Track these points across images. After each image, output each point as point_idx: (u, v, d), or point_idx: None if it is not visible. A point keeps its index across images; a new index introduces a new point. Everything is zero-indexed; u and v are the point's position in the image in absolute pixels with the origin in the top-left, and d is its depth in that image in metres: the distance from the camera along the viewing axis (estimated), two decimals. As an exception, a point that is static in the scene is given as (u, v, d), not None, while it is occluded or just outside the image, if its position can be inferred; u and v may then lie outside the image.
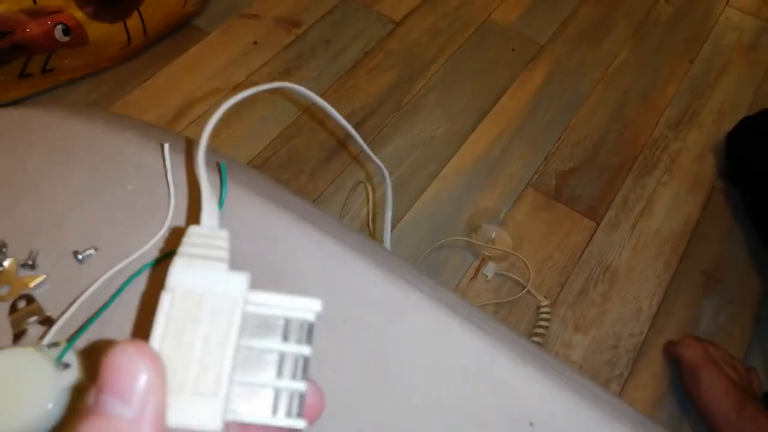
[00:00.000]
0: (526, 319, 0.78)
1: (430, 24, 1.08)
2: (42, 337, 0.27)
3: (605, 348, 0.77)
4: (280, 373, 0.17)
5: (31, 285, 0.29)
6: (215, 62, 0.98)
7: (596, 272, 0.83)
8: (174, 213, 0.32)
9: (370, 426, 0.27)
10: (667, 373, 0.76)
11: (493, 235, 0.84)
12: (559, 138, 0.96)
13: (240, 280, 0.17)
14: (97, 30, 0.88)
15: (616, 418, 0.29)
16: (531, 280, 0.80)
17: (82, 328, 0.27)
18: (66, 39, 0.86)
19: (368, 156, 0.36)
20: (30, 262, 0.30)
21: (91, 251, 0.30)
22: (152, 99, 0.93)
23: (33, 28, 0.82)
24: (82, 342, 0.27)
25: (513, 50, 1.06)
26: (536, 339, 0.75)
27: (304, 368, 0.17)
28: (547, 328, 0.76)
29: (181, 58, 0.99)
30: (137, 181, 0.33)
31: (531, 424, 0.28)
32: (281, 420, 0.17)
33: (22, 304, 0.29)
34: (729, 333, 0.80)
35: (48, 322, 0.28)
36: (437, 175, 0.89)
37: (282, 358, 0.17)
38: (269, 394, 0.17)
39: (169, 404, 0.15)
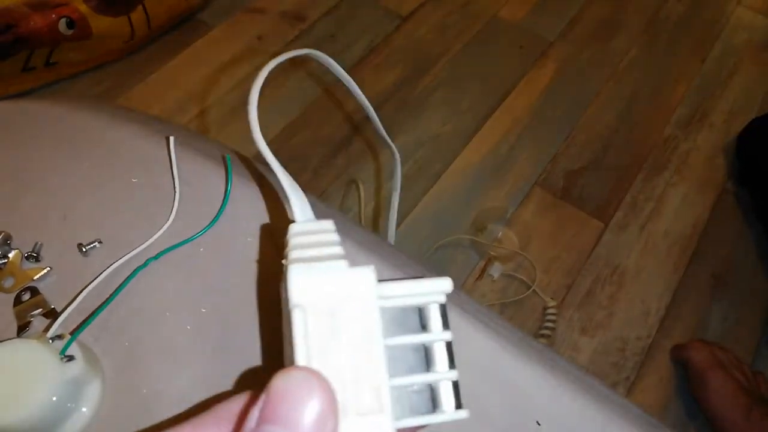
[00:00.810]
0: (532, 321, 0.77)
1: (437, 20, 1.07)
2: (46, 329, 0.27)
3: (612, 351, 0.76)
4: (429, 366, 0.16)
5: (36, 277, 0.29)
6: (219, 57, 0.97)
7: (604, 274, 0.82)
8: (179, 206, 0.31)
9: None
10: (674, 377, 0.75)
11: (499, 235, 0.83)
12: (568, 137, 0.95)
13: (367, 276, 0.15)
14: (101, 23, 0.88)
15: (624, 418, 0.29)
16: (537, 281, 0.79)
17: (86, 321, 0.27)
18: (70, 32, 0.85)
19: (381, 139, 0.35)
20: (34, 254, 0.30)
21: (96, 244, 0.30)
22: (156, 93, 0.93)
23: (37, 21, 0.82)
24: (85, 335, 0.27)
25: (521, 47, 1.05)
26: (542, 341, 0.75)
27: (451, 355, 0.16)
28: (553, 329, 0.76)
29: (185, 52, 0.98)
30: (142, 174, 0.33)
31: (538, 423, 0.27)
32: (446, 415, 0.16)
33: (26, 296, 0.29)
34: (737, 336, 0.79)
35: (52, 314, 0.28)
36: (443, 174, 0.88)
37: (427, 350, 0.16)
38: (427, 392, 0.16)
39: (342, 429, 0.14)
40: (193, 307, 0.28)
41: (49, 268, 0.29)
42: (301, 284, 0.15)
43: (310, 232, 0.17)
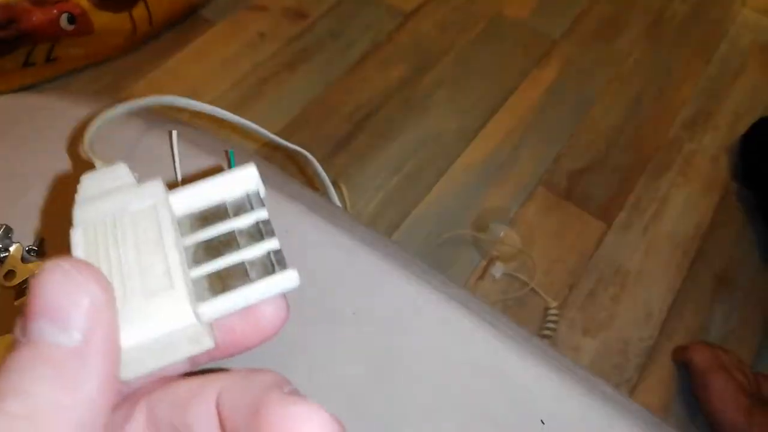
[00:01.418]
0: (534, 321, 0.77)
1: (440, 18, 1.07)
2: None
3: (614, 352, 0.76)
4: (240, 246, 0.14)
5: (37, 271, 0.29)
6: (221, 53, 0.97)
7: (606, 274, 0.82)
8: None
9: (378, 420, 0.27)
10: (676, 378, 0.75)
11: (501, 235, 0.83)
12: (571, 136, 0.95)
13: (153, 186, 0.15)
14: (102, 19, 0.87)
15: (628, 417, 0.28)
16: (539, 282, 0.79)
17: None
18: (71, 28, 0.85)
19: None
20: (35, 248, 0.30)
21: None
22: (157, 89, 0.92)
23: (38, 17, 0.81)
24: None
25: (524, 46, 1.05)
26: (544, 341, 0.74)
27: (268, 229, 0.15)
28: (554, 330, 0.75)
29: (187, 48, 0.98)
30: (144, 168, 0.32)
31: (542, 422, 0.27)
32: (265, 282, 0.14)
33: (27, 290, 0.28)
34: (739, 338, 0.79)
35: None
36: (445, 172, 0.88)
37: (239, 233, 0.15)
38: (240, 268, 0.14)
39: (120, 323, 0.12)
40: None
41: (50, 263, 0.29)
42: (82, 212, 0.14)
43: (101, 177, 0.16)
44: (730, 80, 1.05)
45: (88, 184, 0.16)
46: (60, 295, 0.12)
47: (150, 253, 0.13)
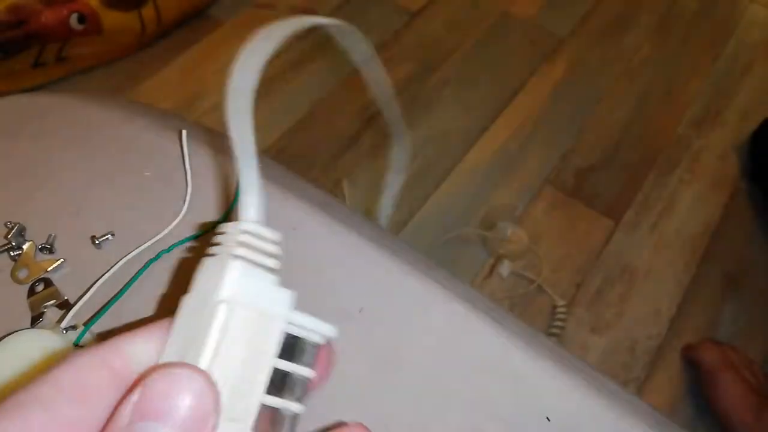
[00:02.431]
0: (542, 319, 0.77)
1: (447, 16, 1.06)
2: (60, 320, 0.27)
3: (622, 350, 0.76)
4: (283, 392, 0.16)
5: (49, 269, 0.29)
6: (229, 52, 0.96)
7: (614, 273, 0.82)
8: (191, 199, 0.31)
9: (385, 416, 0.27)
10: (684, 377, 0.75)
11: (508, 233, 0.83)
12: (579, 134, 0.94)
13: (285, 300, 0.16)
14: (111, 18, 0.88)
15: (634, 414, 0.29)
16: (547, 280, 0.79)
17: (99, 312, 0.27)
18: (81, 27, 0.85)
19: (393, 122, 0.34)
20: (48, 246, 0.30)
21: (108, 236, 0.30)
22: (166, 88, 0.93)
23: (48, 17, 0.82)
24: (98, 325, 0.27)
25: (532, 43, 1.04)
26: (552, 339, 0.74)
27: (303, 391, 0.16)
28: (562, 328, 0.75)
29: (195, 47, 0.98)
30: (155, 167, 0.33)
31: (548, 419, 0.27)
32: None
33: (40, 287, 0.29)
34: (748, 336, 0.79)
35: (65, 305, 0.28)
36: (452, 171, 0.88)
37: (287, 378, 0.16)
38: (282, 414, 0.16)
39: None
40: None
41: (62, 260, 0.30)
42: (237, 283, 0.15)
43: (258, 236, 0.16)
44: (739, 77, 1.05)
45: (246, 239, 0.16)
46: (175, 398, 0.13)
47: (249, 376, 0.15)
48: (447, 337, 0.29)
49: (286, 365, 0.16)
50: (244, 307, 0.15)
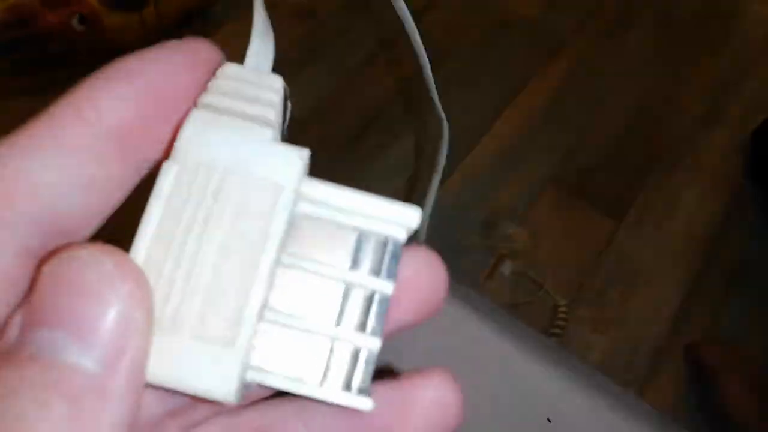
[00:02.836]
0: (543, 319, 0.77)
1: (448, 16, 1.06)
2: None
3: (624, 350, 0.76)
4: (340, 317, 0.11)
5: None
6: (230, 52, 0.97)
7: (616, 272, 0.82)
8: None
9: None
10: (686, 377, 0.75)
11: (510, 233, 0.83)
12: (581, 134, 0.94)
13: (292, 159, 0.11)
14: (113, 19, 0.88)
15: (635, 416, 0.29)
16: (549, 280, 0.79)
17: None
18: (82, 28, 0.85)
19: (430, 103, 0.32)
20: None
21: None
22: (167, 89, 0.93)
23: (50, 18, 0.82)
24: None
25: (534, 44, 1.04)
26: (553, 339, 0.74)
27: (380, 316, 0.11)
28: (564, 328, 0.75)
29: (197, 48, 0.98)
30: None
31: (549, 421, 0.27)
32: (333, 394, 0.10)
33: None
34: (751, 336, 0.78)
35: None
36: (454, 171, 0.88)
37: (347, 292, 0.11)
38: (322, 348, 0.10)
39: (152, 350, 0.09)
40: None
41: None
42: (195, 135, 0.10)
43: (247, 82, 0.12)
44: (741, 76, 1.04)
45: (227, 85, 0.11)
46: (90, 301, 0.09)
47: (234, 269, 0.10)
48: (446, 339, 0.29)
49: (310, 265, 0.10)
50: (204, 168, 0.10)
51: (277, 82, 0.12)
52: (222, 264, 0.10)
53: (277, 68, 0.22)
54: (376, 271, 0.11)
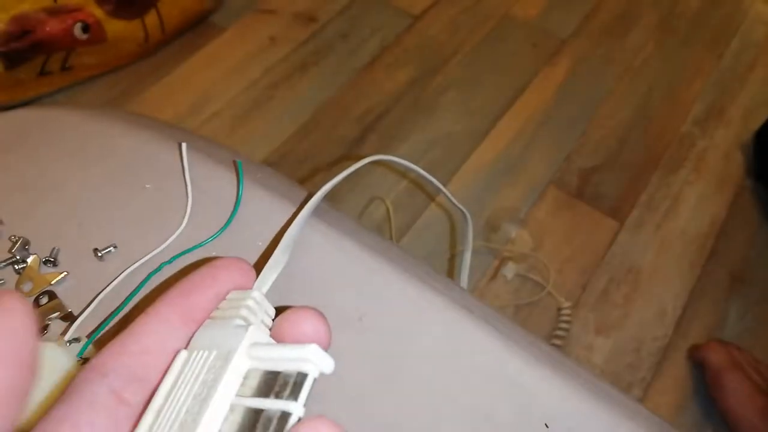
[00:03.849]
0: (547, 322, 0.77)
1: (449, 19, 1.07)
2: (63, 332, 0.28)
3: (627, 351, 0.76)
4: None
5: (53, 281, 0.30)
6: (232, 58, 0.98)
7: (619, 273, 0.81)
8: (191, 211, 0.32)
9: (382, 424, 0.27)
10: (690, 378, 0.75)
11: (513, 235, 0.83)
12: (582, 135, 0.94)
13: (240, 335, 0.16)
14: (115, 27, 0.89)
15: (634, 420, 0.29)
16: (552, 281, 0.79)
17: (102, 324, 0.27)
18: (85, 37, 0.86)
19: (449, 200, 0.35)
20: (52, 259, 0.30)
21: (111, 249, 0.30)
22: (169, 95, 0.94)
23: (53, 26, 0.83)
24: (102, 338, 0.28)
25: (534, 45, 1.04)
26: (556, 341, 0.74)
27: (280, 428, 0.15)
28: (567, 330, 0.75)
29: (198, 54, 0.99)
30: (155, 179, 0.33)
31: (546, 426, 0.27)
32: None
33: (44, 300, 0.29)
34: (755, 337, 0.78)
35: (69, 317, 0.29)
36: (455, 173, 0.88)
37: (267, 418, 0.15)
38: None
39: None
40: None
41: (66, 273, 0.30)
42: (201, 334, 0.17)
43: (241, 302, 0.17)
44: (743, 75, 1.04)
45: (227, 304, 0.18)
46: None
47: (194, 411, 0.15)
48: (445, 344, 0.29)
49: (246, 401, 0.15)
50: (204, 353, 0.16)
51: (270, 309, 0.18)
52: (189, 407, 0.15)
53: (278, 73, 0.23)
54: (286, 397, 0.15)
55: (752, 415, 0.65)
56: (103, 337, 0.28)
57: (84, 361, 0.25)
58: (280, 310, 0.18)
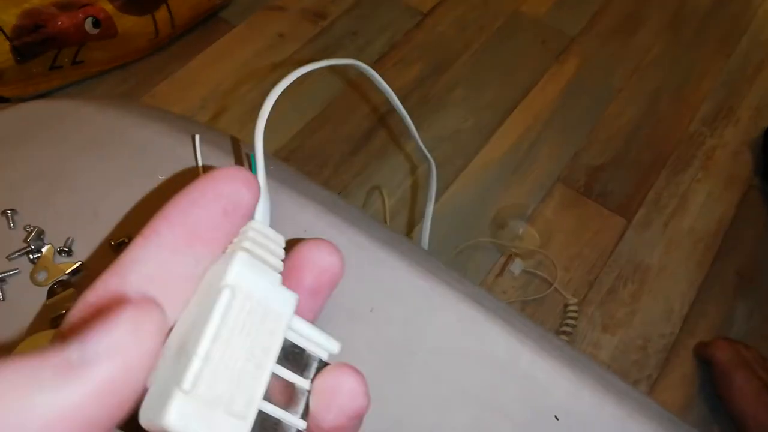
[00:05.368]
0: (554, 318, 0.77)
1: (457, 16, 1.06)
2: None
3: (634, 348, 0.76)
4: (289, 406, 0.16)
5: (68, 271, 0.30)
6: (241, 54, 0.98)
7: (626, 271, 0.81)
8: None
9: (394, 416, 0.27)
10: (697, 375, 0.74)
11: (520, 232, 0.83)
12: (590, 133, 0.94)
13: (290, 301, 0.16)
14: (126, 22, 0.89)
15: (643, 413, 0.29)
16: (558, 278, 0.79)
17: None
18: (96, 31, 0.87)
19: (414, 143, 0.35)
20: (66, 249, 0.31)
21: (125, 239, 0.31)
22: (179, 91, 0.94)
23: (64, 21, 0.83)
24: None
25: (543, 43, 1.04)
26: (563, 338, 0.74)
27: (308, 405, 0.16)
28: (574, 327, 0.75)
29: (208, 50, 0.99)
30: (168, 171, 0.34)
31: (556, 418, 0.28)
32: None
33: (58, 289, 0.30)
34: (762, 335, 0.78)
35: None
36: (464, 170, 0.88)
37: (293, 392, 0.16)
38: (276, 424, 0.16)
39: (203, 414, 0.14)
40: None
41: (80, 263, 0.30)
42: (241, 271, 0.15)
43: (265, 236, 0.17)
44: (752, 74, 1.03)
45: (253, 236, 0.17)
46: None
47: (251, 372, 0.15)
48: (456, 337, 0.29)
49: (286, 373, 0.16)
50: (248, 296, 0.15)
51: (282, 240, 0.18)
52: (246, 366, 0.15)
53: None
54: (307, 375, 0.17)
55: (760, 412, 0.65)
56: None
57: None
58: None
